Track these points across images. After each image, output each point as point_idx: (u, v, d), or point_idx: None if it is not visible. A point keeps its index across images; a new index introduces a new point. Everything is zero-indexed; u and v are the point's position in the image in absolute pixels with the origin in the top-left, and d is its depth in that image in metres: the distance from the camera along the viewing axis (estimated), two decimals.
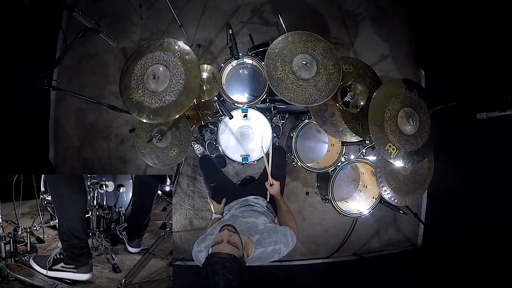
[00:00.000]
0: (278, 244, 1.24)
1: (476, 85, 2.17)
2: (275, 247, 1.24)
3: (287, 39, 1.73)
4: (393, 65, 2.93)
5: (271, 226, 1.33)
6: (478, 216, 2.19)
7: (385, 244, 2.91)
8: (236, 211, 1.56)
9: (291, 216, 1.53)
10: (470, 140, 2.24)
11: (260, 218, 1.40)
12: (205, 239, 1.26)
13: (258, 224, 1.33)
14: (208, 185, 1.84)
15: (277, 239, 1.25)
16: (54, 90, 1.67)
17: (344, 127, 1.81)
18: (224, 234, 1.13)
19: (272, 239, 1.25)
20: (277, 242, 1.24)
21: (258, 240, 1.23)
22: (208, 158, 2.15)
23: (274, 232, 1.28)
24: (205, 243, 1.24)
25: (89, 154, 2.83)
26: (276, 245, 1.24)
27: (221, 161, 2.47)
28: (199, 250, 1.22)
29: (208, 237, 1.27)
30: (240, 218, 1.40)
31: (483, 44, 2.14)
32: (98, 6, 2.87)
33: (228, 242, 1.10)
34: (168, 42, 1.71)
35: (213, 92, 1.95)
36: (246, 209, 1.54)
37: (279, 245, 1.25)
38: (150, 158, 1.96)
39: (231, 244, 1.10)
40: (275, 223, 1.53)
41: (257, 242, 1.22)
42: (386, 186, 1.81)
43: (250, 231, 1.26)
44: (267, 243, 1.23)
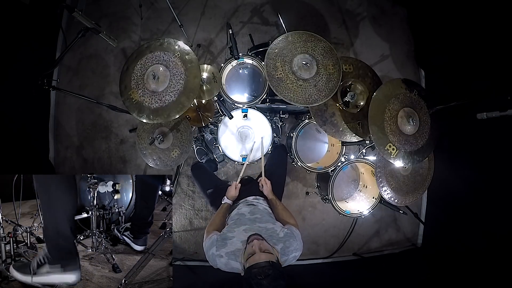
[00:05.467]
0: (299, 251, 1.26)
1: (476, 85, 2.17)
2: (295, 254, 1.25)
3: (287, 39, 1.73)
4: (393, 65, 2.93)
5: (288, 232, 1.31)
6: (478, 216, 2.19)
7: (385, 244, 2.91)
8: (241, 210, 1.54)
9: (288, 212, 1.53)
10: (470, 140, 2.24)
11: (276, 223, 1.39)
12: (225, 243, 1.24)
13: (277, 231, 1.31)
14: (205, 192, 1.84)
15: (297, 246, 1.26)
16: (54, 90, 1.67)
17: (344, 127, 1.80)
18: (254, 244, 1.14)
19: (293, 246, 1.25)
20: (297, 249, 1.26)
21: (282, 249, 1.23)
22: (199, 165, 2.15)
23: (294, 239, 1.28)
24: (226, 248, 1.22)
25: (89, 154, 2.83)
26: (297, 252, 1.26)
27: (212, 165, 2.46)
28: (218, 254, 1.21)
29: (228, 241, 1.24)
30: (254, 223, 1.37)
31: (483, 44, 2.14)
32: (98, 6, 2.87)
33: (261, 250, 1.11)
34: (168, 42, 1.71)
35: (213, 92, 1.95)
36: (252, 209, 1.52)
37: (299, 252, 1.26)
38: (152, 159, 1.96)
39: (265, 251, 1.11)
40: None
41: (282, 251, 1.22)
42: (386, 186, 1.80)
43: (273, 240, 1.25)
44: (289, 252, 1.24)
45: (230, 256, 1.18)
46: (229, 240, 1.25)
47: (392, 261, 2.76)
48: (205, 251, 1.28)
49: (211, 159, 2.41)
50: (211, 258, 1.23)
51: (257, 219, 1.39)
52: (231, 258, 1.19)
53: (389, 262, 2.76)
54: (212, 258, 1.23)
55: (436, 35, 2.63)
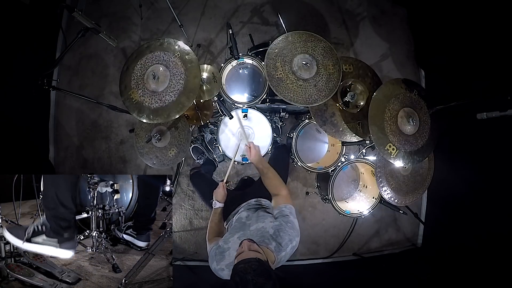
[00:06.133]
0: (294, 240, 1.24)
1: (476, 85, 2.17)
2: (292, 245, 1.24)
3: (287, 39, 1.73)
4: (393, 65, 2.93)
5: (277, 225, 1.29)
6: (478, 216, 2.18)
7: (385, 244, 2.91)
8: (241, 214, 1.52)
9: (278, 181, 1.48)
10: (470, 140, 2.24)
11: (266, 219, 1.36)
12: (223, 256, 1.24)
13: (267, 228, 1.29)
14: (207, 202, 1.83)
15: (291, 236, 1.25)
16: (54, 90, 1.67)
17: (344, 127, 1.81)
18: (244, 244, 1.14)
19: (287, 238, 1.23)
20: (291, 239, 1.24)
21: (276, 246, 1.22)
22: (198, 174, 2.14)
23: (284, 230, 1.26)
24: (225, 261, 1.22)
25: (89, 154, 2.83)
26: (292, 242, 1.24)
27: (211, 167, 2.46)
28: (220, 268, 1.22)
29: (225, 253, 1.24)
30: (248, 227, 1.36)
31: (483, 44, 2.14)
32: (98, 6, 2.87)
33: (249, 249, 1.11)
34: (168, 42, 1.71)
35: (213, 92, 1.94)
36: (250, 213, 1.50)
37: (294, 240, 1.25)
38: (149, 158, 1.96)
39: (253, 250, 1.11)
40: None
41: (276, 249, 1.21)
42: (386, 186, 1.81)
43: (264, 240, 1.24)
44: (285, 245, 1.22)
45: (230, 267, 1.18)
46: (226, 252, 1.25)
47: (392, 261, 2.76)
48: (209, 260, 1.29)
49: (208, 159, 2.40)
50: (215, 272, 1.24)
51: (250, 223, 1.38)
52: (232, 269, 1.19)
53: (389, 262, 2.75)
54: (216, 273, 1.24)
55: (436, 35, 2.63)
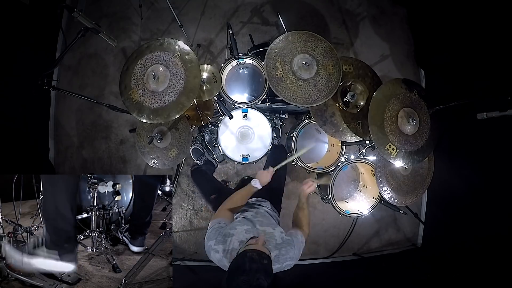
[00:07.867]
0: (292, 260, 1.24)
1: (476, 85, 2.17)
2: (289, 263, 1.23)
3: (287, 39, 1.73)
4: (393, 65, 2.93)
5: (288, 239, 1.29)
6: (478, 216, 2.18)
7: (385, 244, 2.90)
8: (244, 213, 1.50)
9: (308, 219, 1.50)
10: (470, 140, 2.24)
11: (277, 228, 1.35)
12: (224, 240, 1.21)
13: (276, 237, 1.29)
14: (207, 198, 1.82)
15: (294, 255, 1.24)
16: (54, 90, 1.67)
17: (344, 127, 1.81)
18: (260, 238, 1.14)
19: (289, 255, 1.23)
20: (292, 258, 1.24)
21: (277, 256, 1.21)
22: (199, 170, 2.13)
23: (292, 247, 1.25)
24: (223, 245, 1.19)
25: (89, 154, 2.83)
26: (292, 260, 1.24)
27: (210, 167, 2.46)
28: (215, 249, 1.19)
29: (227, 239, 1.22)
30: (254, 224, 1.35)
31: (483, 44, 2.14)
32: (98, 6, 2.87)
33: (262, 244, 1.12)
34: (168, 42, 1.71)
35: (213, 92, 1.94)
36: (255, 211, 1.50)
37: (293, 260, 1.24)
38: (150, 157, 1.96)
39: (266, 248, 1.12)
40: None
41: (275, 259, 1.20)
42: (386, 186, 1.81)
43: (269, 245, 1.23)
44: (283, 260, 1.22)
45: (226, 254, 1.17)
46: (229, 237, 1.23)
47: (392, 261, 2.76)
48: (207, 234, 1.26)
49: (208, 160, 2.40)
50: (207, 249, 1.22)
51: (258, 222, 1.38)
52: (226, 257, 1.17)
53: (389, 262, 2.75)
54: (208, 249, 1.22)
55: (436, 35, 2.63)
